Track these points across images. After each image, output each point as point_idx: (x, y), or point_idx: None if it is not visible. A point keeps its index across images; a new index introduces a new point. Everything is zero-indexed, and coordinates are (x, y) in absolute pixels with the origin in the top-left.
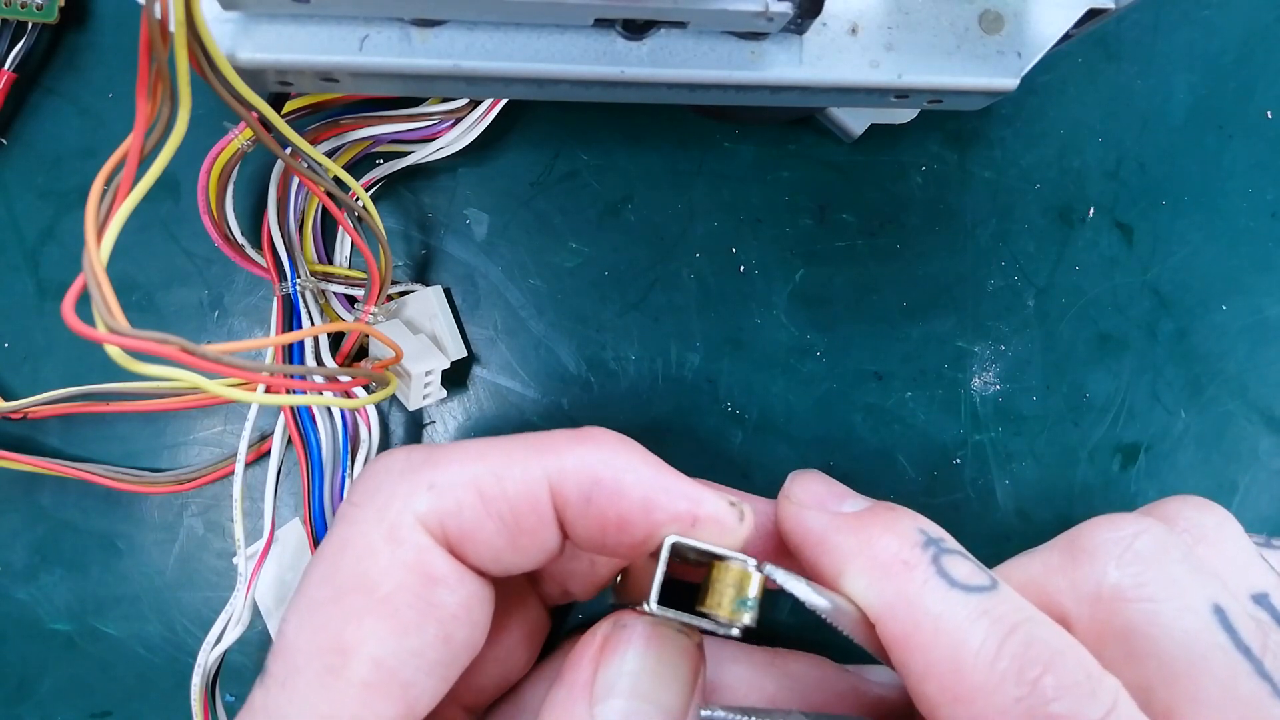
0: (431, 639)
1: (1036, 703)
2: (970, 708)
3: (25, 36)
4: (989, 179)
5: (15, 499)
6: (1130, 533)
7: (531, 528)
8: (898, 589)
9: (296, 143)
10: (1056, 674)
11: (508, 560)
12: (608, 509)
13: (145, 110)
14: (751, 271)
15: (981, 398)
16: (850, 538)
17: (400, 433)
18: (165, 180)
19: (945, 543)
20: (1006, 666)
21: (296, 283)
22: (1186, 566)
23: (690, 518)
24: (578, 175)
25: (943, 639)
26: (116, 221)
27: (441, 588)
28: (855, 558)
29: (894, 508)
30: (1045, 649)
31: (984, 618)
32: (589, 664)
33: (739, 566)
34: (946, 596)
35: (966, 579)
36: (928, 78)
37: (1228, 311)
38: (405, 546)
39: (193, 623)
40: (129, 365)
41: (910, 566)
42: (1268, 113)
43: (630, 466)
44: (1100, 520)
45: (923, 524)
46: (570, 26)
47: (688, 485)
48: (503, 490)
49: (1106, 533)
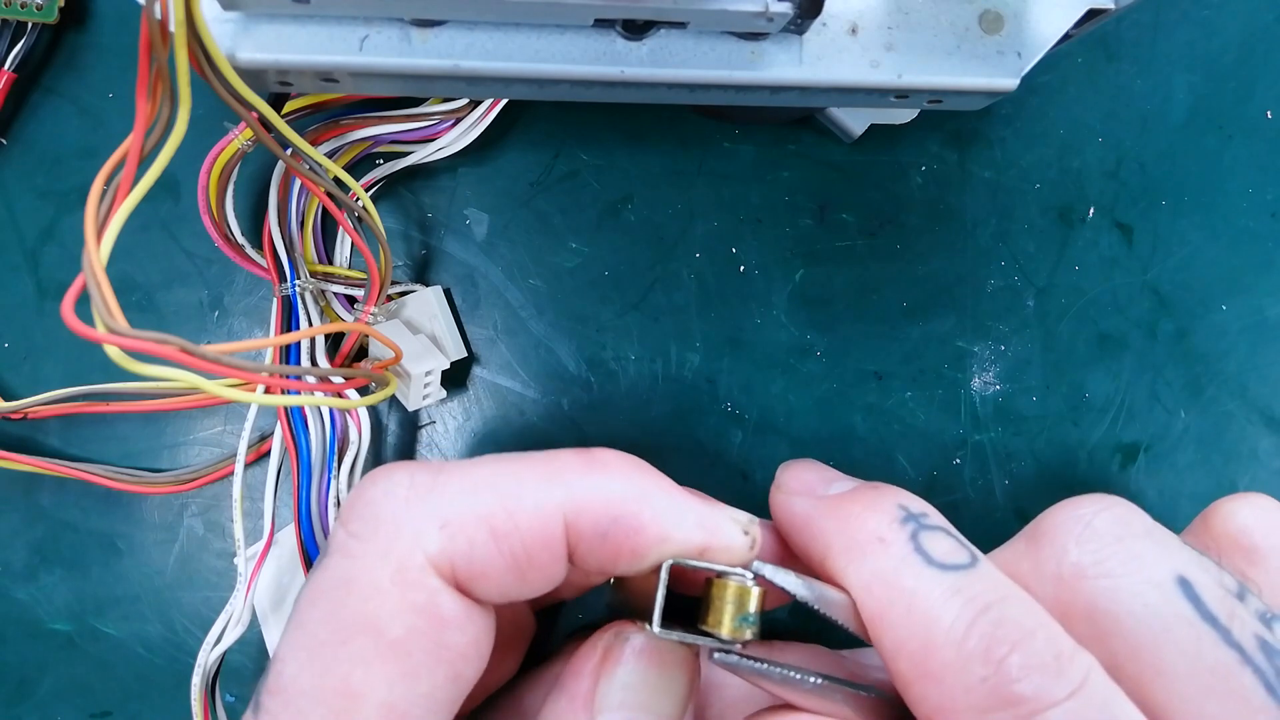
0: (442, 680)
1: (1001, 682)
2: (939, 686)
3: (25, 36)
4: (989, 179)
5: (15, 499)
6: (1089, 511)
7: (543, 564)
8: (874, 567)
9: (296, 143)
10: (1023, 653)
11: (514, 593)
12: (623, 544)
13: (145, 110)
14: (751, 271)
15: (981, 398)
16: (831, 520)
17: (400, 434)
18: (165, 180)
19: (927, 518)
20: (974, 646)
21: (296, 283)
22: (1148, 541)
23: (703, 548)
24: (578, 175)
25: (915, 617)
26: (116, 221)
27: (452, 628)
28: (836, 538)
29: (877, 486)
30: (1015, 629)
31: (957, 597)
32: (590, 676)
33: (738, 582)
34: (921, 574)
35: (944, 556)
36: (928, 78)
37: (1228, 311)
38: (416, 589)
39: (193, 623)
40: (128, 365)
41: (887, 544)
42: (1268, 113)
43: (646, 497)
44: (1062, 503)
45: (904, 499)
46: (570, 26)
47: (702, 512)
48: (516, 527)
49: (1066, 513)
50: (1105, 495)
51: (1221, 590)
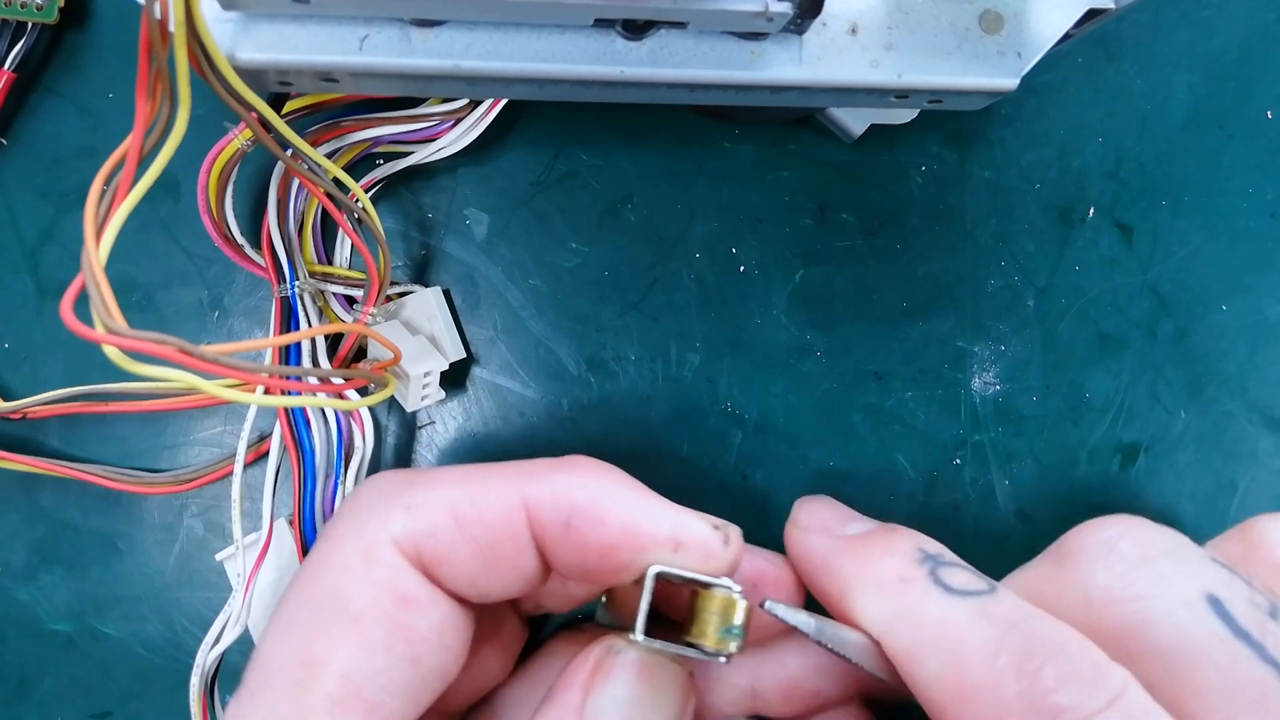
0: (399, 659)
1: (1037, 694)
2: (975, 705)
3: (25, 36)
4: (989, 179)
5: (15, 499)
6: (1114, 534)
7: (508, 554)
8: (897, 605)
9: (296, 144)
10: (1056, 665)
11: (486, 586)
12: (588, 535)
13: (145, 110)
14: (751, 271)
15: (981, 398)
16: (850, 560)
17: (399, 434)
18: (165, 180)
19: (943, 557)
20: (1006, 661)
21: (295, 284)
22: (1174, 561)
23: (673, 542)
24: (578, 175)
25: (944, 643)
26: (116, 221)
27: (413, 609)
28: (856, 579)
29: (894, 529)
30: (1045, 642)
31: (982, 618)
32: (580, 689)
33: (723, 594)
34: (944, 603)
35: (964, 585)
36: (928, 78)
37: (1228, 311)
38: (379, 566)
39: (192, 623)
40: (127, 366)
41: (908, 582)
42: (1268, 113)
43: (610, 492)
44: (1085, 525)
45: (921, 542)
46: (570, 26)
47: (670, 510)
48: (479, 515)
49: (1090, 536)
50: (1126, 516)
51: (1253, 607)
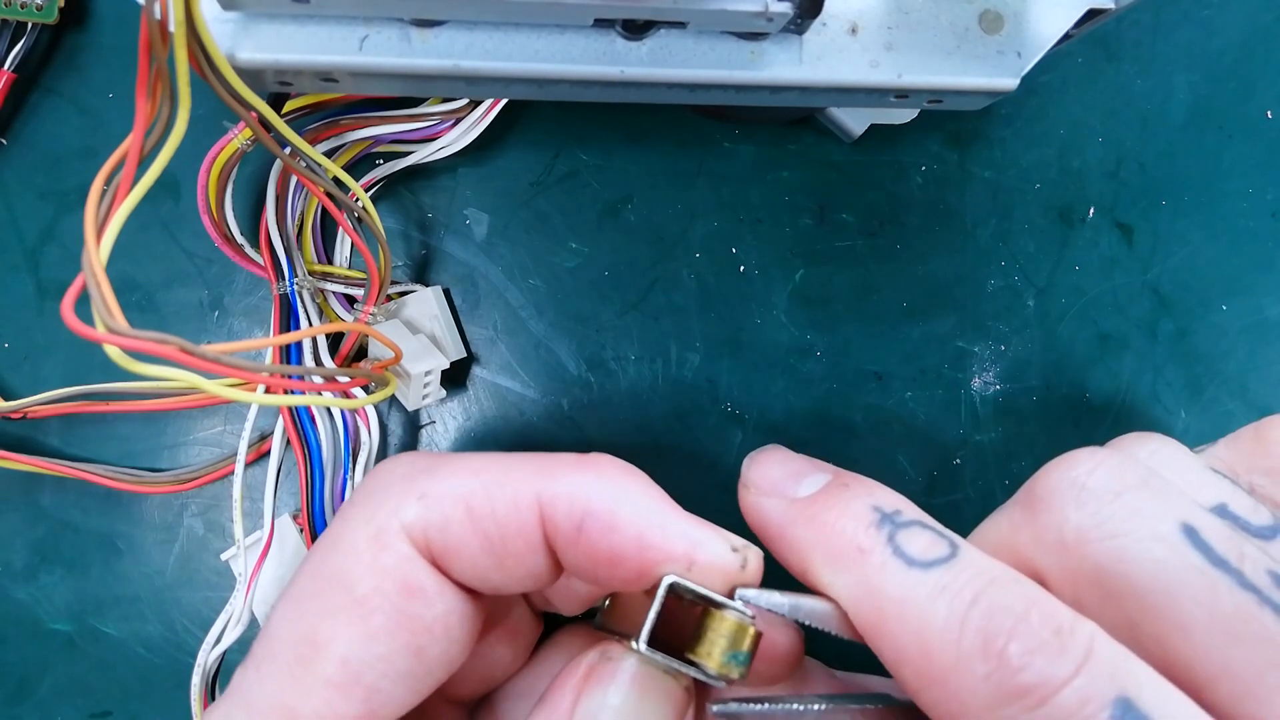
0: (401, 648)
1: (1005, 675)
2: (945, 689)
3: (25, 36)
4: (989, 179)
5: (15, 499)
6: (1083, 471)
7: (518, 551)
8: (858, 579)
9: (296, 143)
10: (1020, 639)
11: (495, 580)
12: (599, 542)
13: (145, 110)
14: (751, 271)
15: (981, 398)
16: (807, 530)
17: (400, 433)
18: (165, 180)
19: (900, 515)
20: (971, 643)
21: (294, 282)
22: (1146, 493)
23: (687, 560)
24: (578, 175)
25: (908, 624)
26: (116, 221)
27: (418, 599)
28: (815, 552)
29: (846, 484)
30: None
31: (943, 595)
32: (570, 693)
33: (736, 617)
34: (905, 579)
35: (923, 553)
36: (928, 78)
37: (1228, 311)
38: (387, 552)
39: (193, 623)
40: (128, 365)
41: (866, 552)
42: (1268, 113)
43: (627, 499)
44: (1053, 464)
45: (877, 498)
46: (570, 26)
47: (688, 525)
48: (492, 509)
49: (1058, 476)
50: (1095, 449)
51: (1227, 532)
